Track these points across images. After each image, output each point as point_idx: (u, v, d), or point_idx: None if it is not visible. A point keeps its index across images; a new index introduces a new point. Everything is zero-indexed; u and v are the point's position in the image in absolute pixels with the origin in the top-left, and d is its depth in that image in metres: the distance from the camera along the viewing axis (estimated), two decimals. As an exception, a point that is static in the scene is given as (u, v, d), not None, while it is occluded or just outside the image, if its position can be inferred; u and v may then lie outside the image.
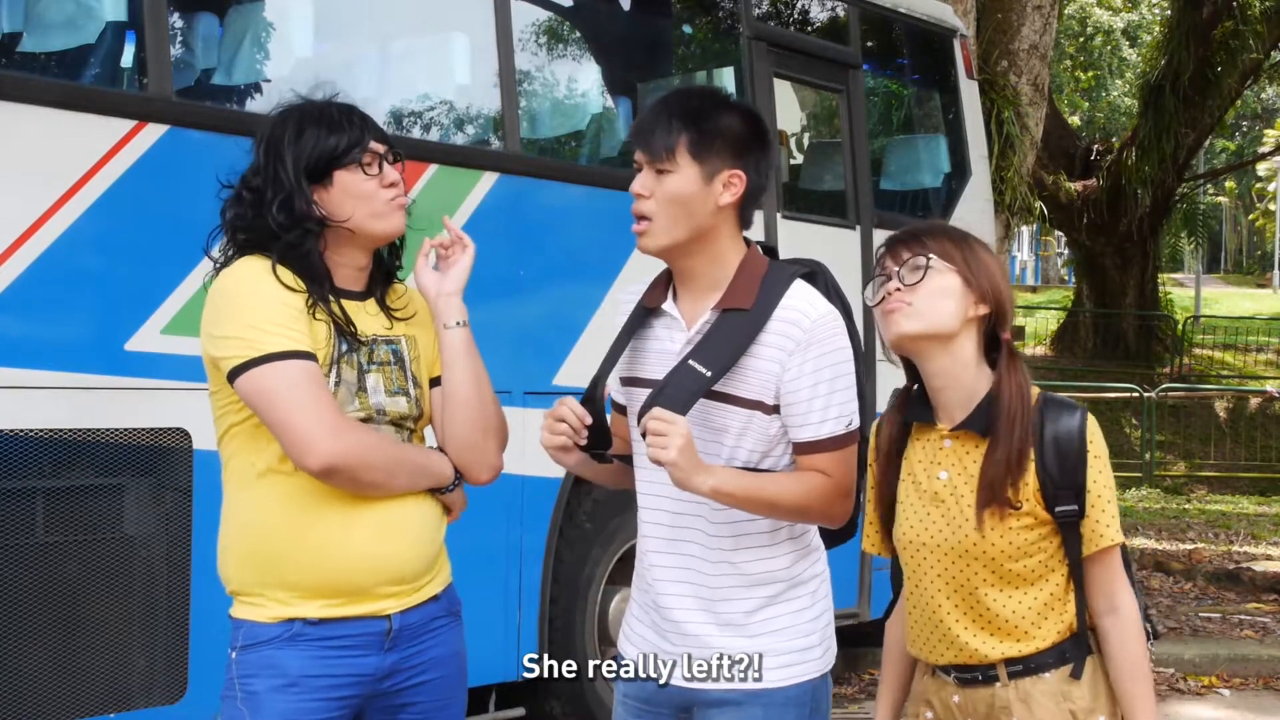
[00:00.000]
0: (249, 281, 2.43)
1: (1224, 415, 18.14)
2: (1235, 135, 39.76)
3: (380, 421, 2.51)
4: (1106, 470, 2.33)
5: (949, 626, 2.38)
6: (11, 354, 3.79)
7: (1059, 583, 2.35)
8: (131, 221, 4.07)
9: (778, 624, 2.52)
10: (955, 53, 7.36)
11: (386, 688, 2.50)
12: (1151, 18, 29.58)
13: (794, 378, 2.45)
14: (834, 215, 6.58)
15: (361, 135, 2.52)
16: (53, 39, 4.15)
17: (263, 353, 2.35)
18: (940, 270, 2.35)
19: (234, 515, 2.49)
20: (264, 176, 2.48)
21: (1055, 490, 2.29)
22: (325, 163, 2.48)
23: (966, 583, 2.36)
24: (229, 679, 2.46)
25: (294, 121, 2.51)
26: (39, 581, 3.87)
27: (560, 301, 5.28)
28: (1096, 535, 2.31)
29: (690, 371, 2.43)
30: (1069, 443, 2.30)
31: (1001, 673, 2.35)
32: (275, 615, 2.43)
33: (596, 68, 6.19)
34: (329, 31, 5.13)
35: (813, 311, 2.46)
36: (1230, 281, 43.01)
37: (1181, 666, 7.23)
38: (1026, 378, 2.35)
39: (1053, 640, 2.34)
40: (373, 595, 2.48)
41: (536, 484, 5.10)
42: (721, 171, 2.49)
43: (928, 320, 2.34)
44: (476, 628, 4.96)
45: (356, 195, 2.49)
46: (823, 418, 2.45)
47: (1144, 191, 18.70)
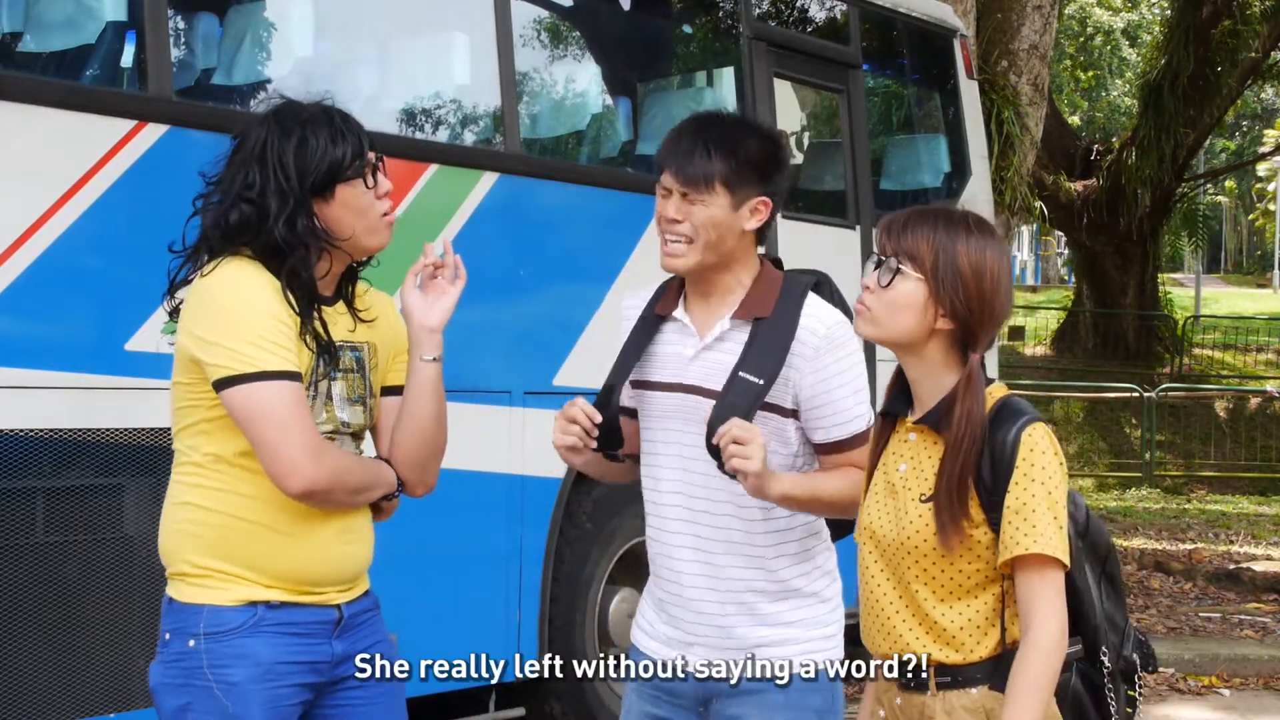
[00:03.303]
0: (246, 292, 2.42)
1: (1224, 415, 18.14)
2: (1235, 135, 39.77)
3: (344, 434, 2.57)
4: (1039, 483, 2.22)
5: (888, 617, 2.36)
6: (11, 354, 3.79)
7: (996, 595, 2.29)
8: (131, 221, 4.06)
9: (799, 615, 2.64)
10: (955, 53, 7.36)
11: (339, 674, 2.57)
12: (1151, 18, 29.57)
13: (817, 381, 2.58)
14: (834, 215, 6.58)
15: (361, 145, 2.51)
16: (53, 39, 4.14)
17: (255, 369, 2.37)
18: (906, 277, 2.29)
19: (196, 500, 2.49)
20: (263, 187, 2.44)
21: (989, 498, 2.25)
22: (329, 176, 2.47)
23: (904, 576, 2.33)
24: (192, 667, 2.44)
25: (294, 128, 2.47)
26: (39, 581, 3.87)
27: (560, 301, 5.28)
28: (1012, 543, 2.21)
29: (745, 383, 2.54)
30: (1002, 453, 2.25)
31: (931, 682, 2.31)
32: (240, 598, 2.46)
33: (596, 67, 6.19)
34: (329, 31, 5.13)
35: (827, 320, 2.61)
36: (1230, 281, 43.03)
37: (1181, 666, 7.23)
38: (980, 401, 2.27)
39: (984, 654, 2.29)
40: (326, 589, 2.55)
41: (536, 484, 5.10)
42: (751, 199, 2.61)
43: (883, 329, 2.33)
44: (476, 627, 5.00)
45: (355, 209, 2.50)
46: (853, 415, 2.61)
47: (1144, 191, 18.69)
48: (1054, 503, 2.23)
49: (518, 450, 4.99)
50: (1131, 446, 17.58)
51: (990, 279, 2.29)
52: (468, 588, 4.94)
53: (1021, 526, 2.21)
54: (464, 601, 4.92)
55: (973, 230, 2.32)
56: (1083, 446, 17.58)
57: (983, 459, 2.25)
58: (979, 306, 2.28)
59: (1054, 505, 2.23)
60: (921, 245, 2.29)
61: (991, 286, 2.29)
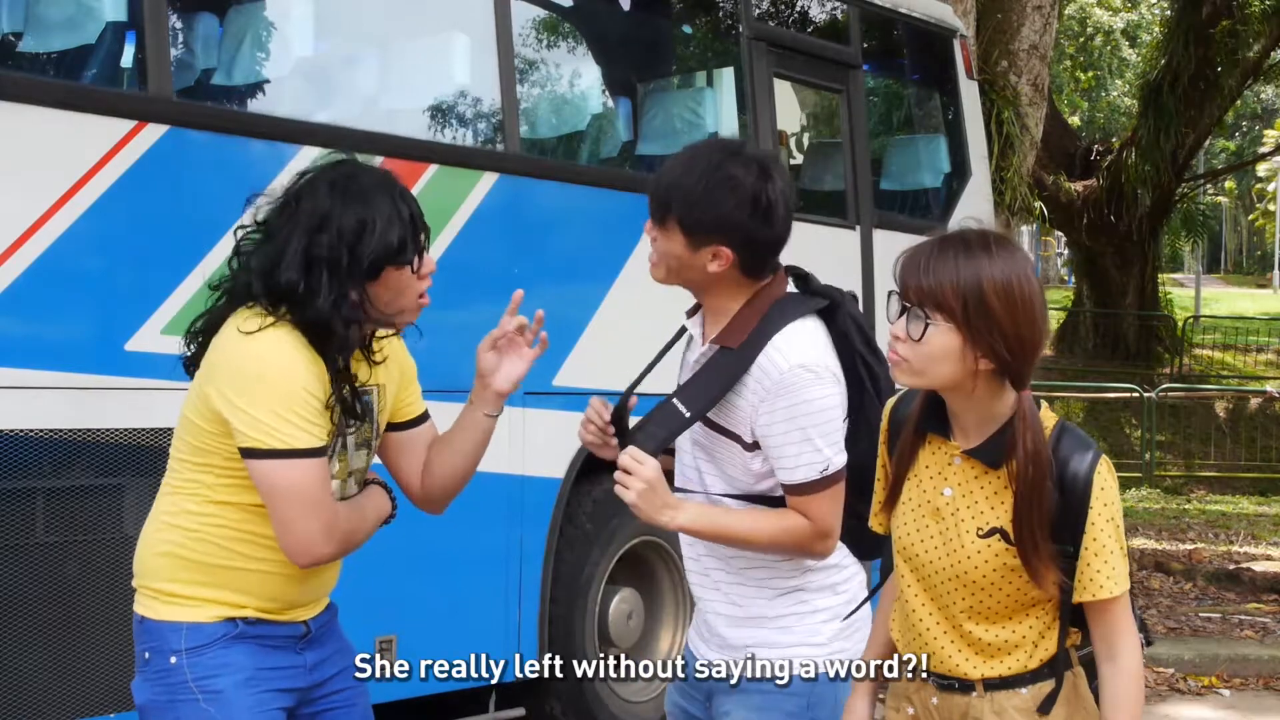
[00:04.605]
0: (285, 364, 2.42)
1: (1224, 415, 18.14)
2: (1235, 135, 39.77)
3: (354, 481, 2.63)
4: (1112, 520, 2.24)
5: (928, 640, 2.37)
6: (11, 354, 3.79)
7: (1045, 614, 2.32)
8: (131, 221, 4.06)
9: (783, 623, 2.64)
10: (955, 53, 7.36)
11: (316, 679, 2.62)
12: (1151, 18, 29.56)
13: (766, 424, 2.53)
14: (834, 215, 6.58)
15: (416, 229, 2.51)
16: (53, 39, 4.14)
17: (286, 447, 2.40)
18: (940, 329, 2.22)
19: (187, 525, 2.52)
20: (317, 258, 2.43)
21: (1054, 531, 2.25)
22: (384, 261, 2.47)
23: (949, 605, 2.34)
24: (176, 683, 2.47)
25: (355, 204, 2.46)
26: (39, 581, 3.87)
27: (560, 301, 5.27)
28: (1092, 584, 2.25)
29: (673, 410, 2.56)
30: (1074, 484, 2.24)
31: (979, 684, 2.34)
32: (216, 615, 2.50)
33: (596, 68, 6.20)
34: (329, 31, 5.13)
35: (784, 363, 2.51)
36: (1230, 281, 43.04)
37: (1181, 666, 7.23)
38: (1040, 438, 2.24)
39: (1035, 664, 2.33)
40: (297, 610, 2.61)
41: (536, 484, 5.10)
42: (709, 245, 2.54)
43: (927, 379, 2.28)
44: (477, 627, 5.00)
45: (397, 290, 2.52)
46: (795, 464, 2.53)
47: (1144, 191, 18.68)
48: (1121, 538, 2.27)
49: (518, 450, 4.99)
50: (1131, 447, 17.57)
51: (1023, 308, 2.22)
52: (468, 588, 4.94)
53: (1103, 569, 2.24)
54: (464, 602, 4.92)
55: (995, 256, 2.23)
56: (1083, 446, 17.56)
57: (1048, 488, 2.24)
58: (1018, 345, 2.22)
59: (1122, 540, 2.28)
60: (946, 290, 2.21)
61: (1026, 316, 2.22)
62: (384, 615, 4.52)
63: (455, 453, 2.73)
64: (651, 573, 5.72)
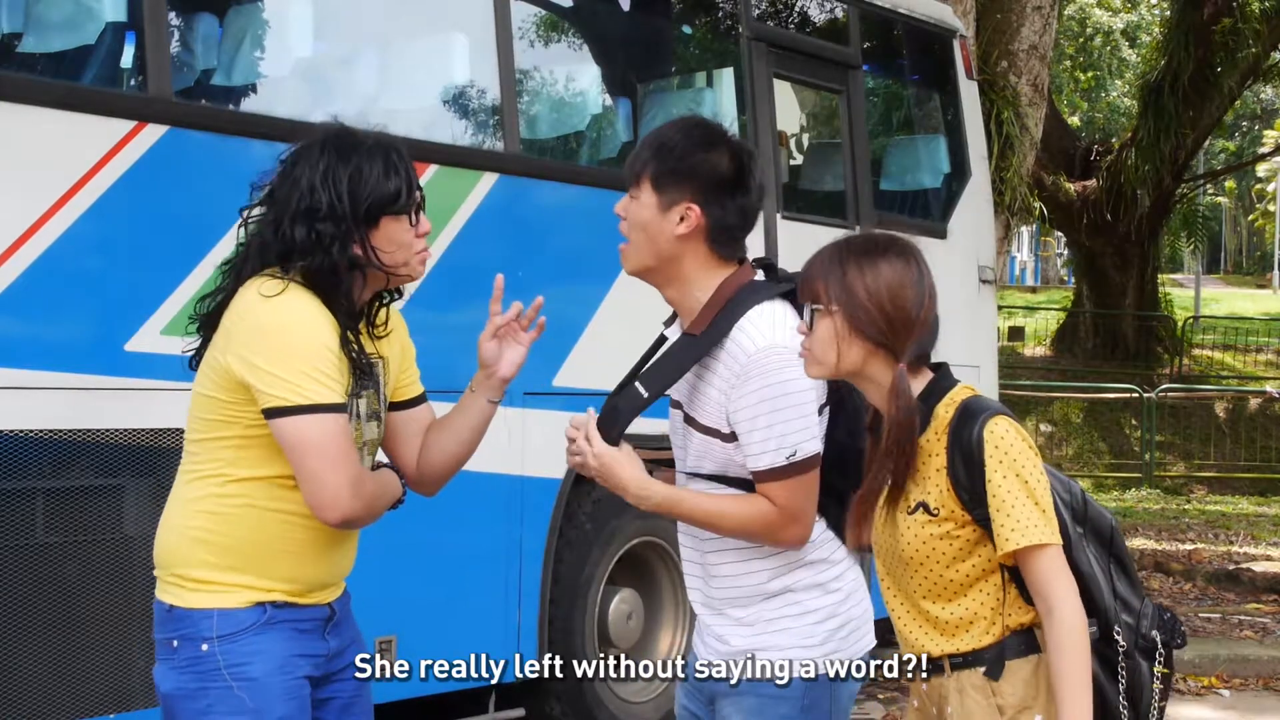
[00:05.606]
0: (306, 323, 2.46)
1: (1223, 416, 18.14)
2: (1235, 135, 39.77)
3: (367, 453, 2.64)
4: (1013, 473, 2.31)
5: (899, 625, 2.48)
6: (11, 354, 3.79)
7: (997, 584, 2.39)
8: (131, 221, 4.06)
9: (778, 625, 2.64)
10: (955, 53, 7.36)
11: (334, 666, 2.64)
12: (1151, 18, 29.57)
13: (737, 409, 2.54)
14: (834, 216, 6.57)
15: (411, 182, 2.57)
16: (53, 39, 4.14)
17: (310, 402, 2.43)
18: (823, 316, 2.39)
19: (214, 509, 2.53)
20: (322, 210, 2.49)
21: (969, 497, 2.34)
22: (380, 208, 2.52)
23: (906, 585, 2.44)
24: (208, 670, 2.48)
25: (351, 156, 2.53)
26: (39, 581, 3.87)
27: (560, 302, 5.25)
28: (1002, 539, 2.31)
29: (632, 392, 2.60)
30: (970, 452, 2.33)
31: (945, 663, 2.42)
32: (247, 600, 2.51)
33: (596, 68, 6.19)
34: (329, 31, 5.13)
35: (752, 345, 2.53)
36: (1230, 282, 43.04)
37: (1181, 667, 7.21)
38: (905, 407, 2.35)
39: (993, 639, 2.39)
40: (322, 591, 2.63)
41: (536, 484, 5.10)
42: (679, 204, 2.56)
43: (825, 366, 2.41)
44: (476, 628, 5.00)
45: (397, 243, 2.56)
46: (762, 449, 2.53)
47: (1144, 192, 18.68)
48: (1031, 489, 2.31)
49: (518, 451, 4.99)
50: (1131, 447, 17.58)
51: (889, 294, 2.36)
52: (468, 588, 4.95)
53: (1006, 522, 2.30)
54: (464, 602, 4.92)
55: (862, 253, 2.40)
56: (1082, 447, 17.59)
57: (955, 461, 2.34)
58: (888, 325, 2.35)
59: (1032, 492, 2.31)
60: (818, 285, 2.39)
61: (893, 301, 2.36)
62: (384, 615, 4.52)
63: (453, 437, 2.75)
64: (651, 573, 5.72)
